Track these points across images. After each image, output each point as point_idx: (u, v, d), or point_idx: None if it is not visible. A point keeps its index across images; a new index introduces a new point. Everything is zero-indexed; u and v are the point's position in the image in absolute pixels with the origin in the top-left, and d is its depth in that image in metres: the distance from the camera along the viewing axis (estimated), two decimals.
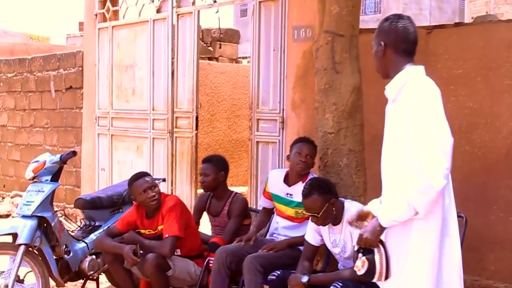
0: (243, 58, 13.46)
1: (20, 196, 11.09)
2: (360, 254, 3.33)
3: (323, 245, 4.97)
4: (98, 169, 9.81)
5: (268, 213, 5.86)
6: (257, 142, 7.34)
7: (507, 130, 5.40)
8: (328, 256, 5.29)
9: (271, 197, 5.70)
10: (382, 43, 3.49)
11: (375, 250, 3.30)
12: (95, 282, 6.29)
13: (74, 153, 6.10)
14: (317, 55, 5.44)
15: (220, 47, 12.18)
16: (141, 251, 5.35)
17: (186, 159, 8.31)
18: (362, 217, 3.72)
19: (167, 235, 5.38)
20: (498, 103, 5.53)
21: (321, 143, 5.46)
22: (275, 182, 5.65)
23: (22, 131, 11.85)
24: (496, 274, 5.55)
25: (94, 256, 6.00)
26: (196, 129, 8.17)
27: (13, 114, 12.10)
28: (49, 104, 11.18)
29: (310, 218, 4.75)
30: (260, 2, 7.31)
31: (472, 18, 26.40)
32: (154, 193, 5.51)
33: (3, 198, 11.76)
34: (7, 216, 10.87)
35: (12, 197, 11.42)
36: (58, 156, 5.94)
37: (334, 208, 4.65)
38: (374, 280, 3.37)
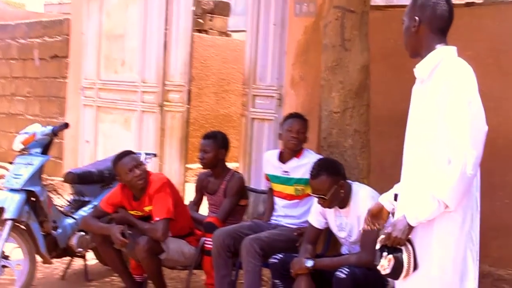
0: (233, 31, 13.22)
1: (1, 166, 10.85)
2: (385, 253, 3.13)
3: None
4: (82, 141, 9.55)
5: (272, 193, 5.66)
6: (252, 118, 7.19)
7: None
8: (329, 239, 5.15)
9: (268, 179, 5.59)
10: (417, 18, 3.27)
11: (403, 248, 3.10)
12: (82, 259, 6.09)
13: (66, 125, 5.90)
14: (325, 31, 5.26)
15: (211, 20, 11.91)
16: (130, 232, 5.18)
17: (176, 134, 8.12)
18: (375, 215, 3.57)
19: (157, 218, 5.17)
20: (509, 86, 5.40)
21: (326, 123, 5.30)
22: (270, 162, 5.53)
23: (3, 100, 11.57)
24: (499, 261, 5.46)
25: (83, 233, 5.79)
26: (188, 103, 7.98)
27: None
28: (32, 72, 10.94)
29: (317, 200, 4.56)
30: None
31: None
32: (140, 172, 5.27)
33: None
34: None
35: None
36: (50, 128, 5.69)
37: (342, 191, 4.48)
38: (399, 279, 3.18)
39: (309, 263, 4.45)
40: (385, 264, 3.10)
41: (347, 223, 4.58)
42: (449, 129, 3.03)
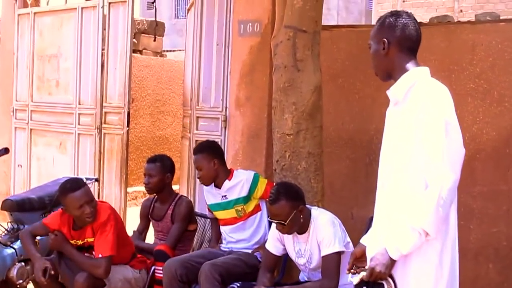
0: (168, 51, 13.08)
1: None
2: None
3: None
4: (14, 165, 9.22)
5: (217, 222, 5.57)
6: (196, 141, 6.98)
7: (469, 135, 5.21)
8: (285, 265, 5.02)
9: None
10: (386, 40, 3.18)
11: (384, 283, 2.98)
12: None
13: (6, 150, 5.65)
14: (277, 51, 5.16)
15: (154, 40, 11.73)
16: (53, 272, 4.92)
17: (115, 157, 7.90)
18: (359, 258, 3.40)
19: (100, 255, 4.93)
20: (460, 107, 5.34)
21: (279, 145, 5.20)
22: (209, 192, 5.48)
23: None
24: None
25: (23, 263, 5.55)
26: (128, 125, 7.76)
27: None
28: None
29: (275, 225, 4.43)
30: None
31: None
32: (91, 209, 4.98)
33: None
34: None
35: None
36: None
37: (301, 216, 4.36)
38: None
39: None
40: None
41: (306, 249, 4.46)
42: (426, 151, 2.95)
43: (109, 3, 8.02)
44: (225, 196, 5.26)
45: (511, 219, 5.34)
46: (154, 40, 11.72)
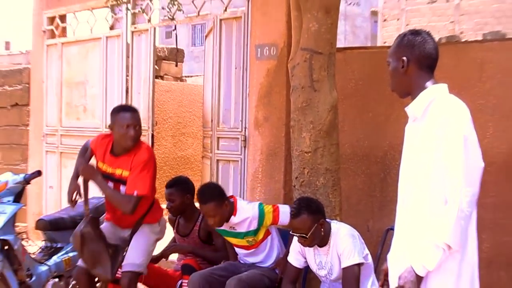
0: (187, 76, 13.07)
1: None
2: None
3: None
4: (46, 187, 9.15)
5: None
6: (217, 160, 6.94)
7: (480, 149, 5.09)
8: (305, 277, 4.93)
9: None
10: (405, 58, 3.07)
11: None
12: None
13: (39, 173, 5.63)
14: (294, 72, 5.12)
15: (176, 65, 11.71)
16: (81, 198, 5.06)
17: None
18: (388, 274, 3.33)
19: (135, 192, 4.78)
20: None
21: (297, 162, 5.14)
22: None
23: None
24: None
25: (57, 279, 5.58)
26: (152, 147, 7.66)
27: None
28: None
29: (297, 239, 4.36)
30: (221, 20, 6.90)
31: (385, 42, 26.92)
32: (136, 134, 4.89)
33: None
34: None
35: None
36: (22, 175, 5.47)
37: (322, 229, 4.30)
38: None
39: None
40: None
41: (327, 262, 4.39)
42: (445, 167, 2.86)
43: (132, 32, 7.98)
44: (233, 228, 5.04)
45: None
46: (176, 66, 11.69)
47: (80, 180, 5.11)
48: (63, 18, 9.06)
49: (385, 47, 6.66)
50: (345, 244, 4.24)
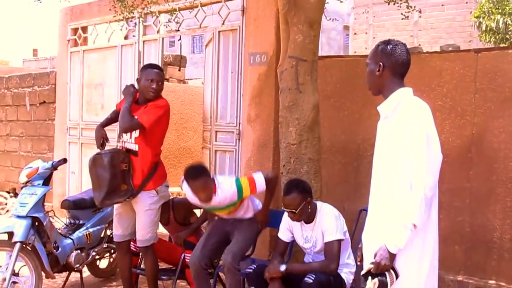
0: (187, 79, 12.96)
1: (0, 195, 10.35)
2: (370, 277, 2.91)
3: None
4: (68, 173, 9.07)
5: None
6: (216, 150, 6.90)
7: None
8: (291, 251, 4.89)
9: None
10: (381, 64, 3.04)
11: (387, 273, 2.89)
12: (78, 273, 5.71)
13: (65, 161, 5.57)
14: (282, 77, 5.10)
15: (179, 70, 11.62)
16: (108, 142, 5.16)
17: None
18: None
19: (136, 118, 4.73)
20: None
21: (285, 153, 5.13)
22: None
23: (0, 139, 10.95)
24: None
25: (79, 251, 5.47)
26: None
27: None
28: (24, 116, 10.41)
29: (287, 213, 4.33)
30: (219, 31, 6.85)
31: (355, 52, 26.91)
32: (157, 87, 4.86)
33: None
34: None
35: None
36: (50, 163, 5.38)
37: (309, 207, 4.27)
38: None
39: (283, 267, 4.23)
40: (371, 287, 2.88)
41: (312, 236, 4.35)
42: (411, 158, 2.85)
43: (143, 42, 7.92)
44: (214, 206, 4.79)
45: (472, 210, 5.25)
46: (179, 70, 11.61)
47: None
48: (84, 29, 8.99)
49: (358, 56, 6.66)
50: (329, 223, 4.23)
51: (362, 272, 2.98)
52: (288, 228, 4.51)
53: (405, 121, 2.90)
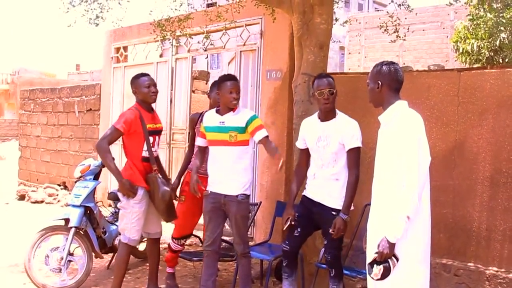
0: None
1: (51, 187, 10.37)
2: (376, 265, 2.96)
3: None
4: None
5: (204, 150, 4.53)
6: None
7: None
8: (273, 225, 4.79)
9: (205, 135, 4.43)
10: (380, 82, 3.13)
11: (389, 260, 2.93)
12: None
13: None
14: (296, 90, 5.09)
15: (206, 83, 11.63)
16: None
17: (180, 163, 7.72)
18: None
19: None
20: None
21: (298, 155, 5.06)
22: (209, 118, 4.41)
23: (52, 140, 11.02)
24: None
25: None
26: (188, 142, 7.65)
27: (45, 128, 11.23)
28: (73, 121, 10.44)
29: (327, 92, 4.07)
30: (241, 51, 6.89)
31: (349, 69, 26.89)
32: (155, 90, 4.67)
33: (37, 188, 10.89)
34: (41, 202, 10.14)
35: (44, 188, 10.59)
36: (99, 161, 5.40)
37: (335, 100, 4.17)
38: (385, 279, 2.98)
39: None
40: (377, 272, 2.93)
41: (330, 134, 4.04)
42: (404, 160, 2.93)
43: (176, 59, 7.98)
44: (222, 122, 4.27)
45: (455, 204, 5.25)
46: (206, 83, 11.62)
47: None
48: (125, 48, 9.06)
49: (359, 73, 6.67)
50: (354, 129, 4.01)
51: (368, 261, 3.02)
52: (303, 137, 4.27)
53: (401, 128, 2.99)
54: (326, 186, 4.04)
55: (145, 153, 4.59)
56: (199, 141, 4.52)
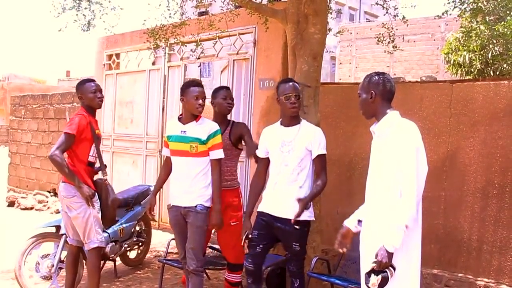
0: None
1: (41, 194, 10.30)
2: (373, 275, 2.92)
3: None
4: (101, 177, 9.02)
5: (170, 160, 4.34)
6: None
7: None
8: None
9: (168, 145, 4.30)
10: (373, 92, 3.11)
11: (387, 269, 2.90)
12: (112, 262, 5.74)
13: (105, 166, 5.51)
14: None
15: None
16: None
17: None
18: (344, 236, 3.27)
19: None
20: None
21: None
22: (171, 126, 4.27)
23: (42, 147, 10.94)
24: None
25: (113, 243, 5.42)
26: None
27: (36, 134, 11.15)
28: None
29: (294, 97, 3.91)
30: (234, 60, 6.89)
31: (340, 79, 27.00)
32: (101, 95, 4.67)
33: (27, 195, 10.80)
34: (31, 208, 10.06)
35: (34, 195, 10.50)
36: None
37: (301, 103, 4.10)
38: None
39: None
40: (375, 282, 2.89)
41: (294, 140, 3.94)
42: (402, 170, 2.90)
43: (168, 67, 7.97)
44: (184, 131, 4.11)
45: (446, 215, 5.28)
46: None
47: None
48: (118, 55, 9.03)
49: (352, 84, 6.69)
50: (320, 136, 3.99)
51: (366, 271, 2.99)
52: (264, 145, 4.14)
53: (398, 138, 2.95)
54: (288, 194, 3.88)
55: (91, 158, 4.59)
56: (164, 151, 4.40)
